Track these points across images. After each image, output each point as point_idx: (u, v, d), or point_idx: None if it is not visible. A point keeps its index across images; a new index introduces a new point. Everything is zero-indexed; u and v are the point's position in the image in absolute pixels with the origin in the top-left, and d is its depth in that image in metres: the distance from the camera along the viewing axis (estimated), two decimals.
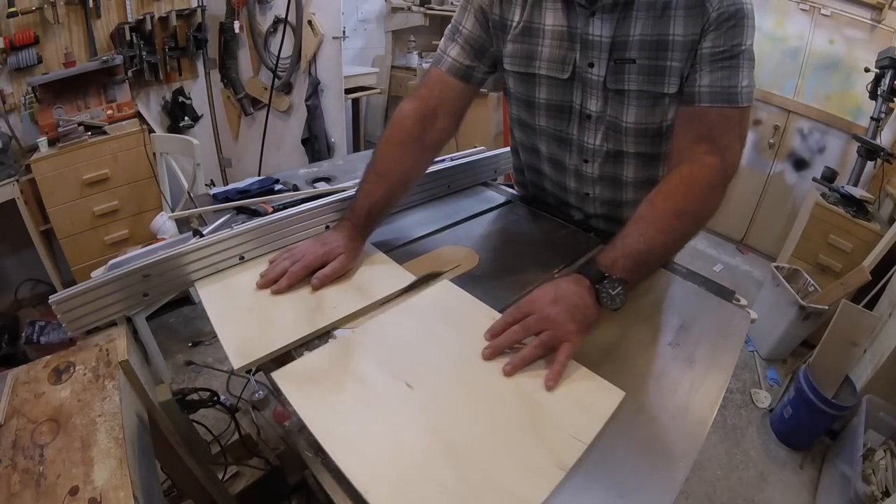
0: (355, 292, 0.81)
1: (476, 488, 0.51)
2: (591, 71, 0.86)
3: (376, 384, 0.64)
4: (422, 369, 0.67)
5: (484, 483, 0.52)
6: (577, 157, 0.99)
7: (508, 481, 0.53)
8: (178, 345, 2.30)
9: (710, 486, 1.78)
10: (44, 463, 0.57)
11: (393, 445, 0.56)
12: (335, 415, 0.59)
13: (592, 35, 0.82)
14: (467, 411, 0.61)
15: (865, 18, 2.79)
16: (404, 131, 0.91)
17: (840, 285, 2.19)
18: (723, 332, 0.82)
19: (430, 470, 0.53)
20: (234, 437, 1.29)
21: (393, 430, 0.58)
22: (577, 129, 0.94)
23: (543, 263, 0.96)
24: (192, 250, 0.82)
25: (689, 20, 0.76)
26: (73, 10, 2.33)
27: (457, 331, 0.74)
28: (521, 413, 0.61)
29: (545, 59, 0.88)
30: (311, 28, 2.58)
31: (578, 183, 1.03)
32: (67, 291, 0.72)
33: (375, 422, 0.59)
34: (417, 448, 0.56)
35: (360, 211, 0.87)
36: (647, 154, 0.92)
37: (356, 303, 0.78)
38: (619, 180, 0.98)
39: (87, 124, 2.32)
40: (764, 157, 3.28)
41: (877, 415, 1.75)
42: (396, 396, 0.62)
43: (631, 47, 0.80)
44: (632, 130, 0.88)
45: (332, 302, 0.78)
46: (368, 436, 0.57)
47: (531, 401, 0.63)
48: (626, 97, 0.85)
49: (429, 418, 0.60)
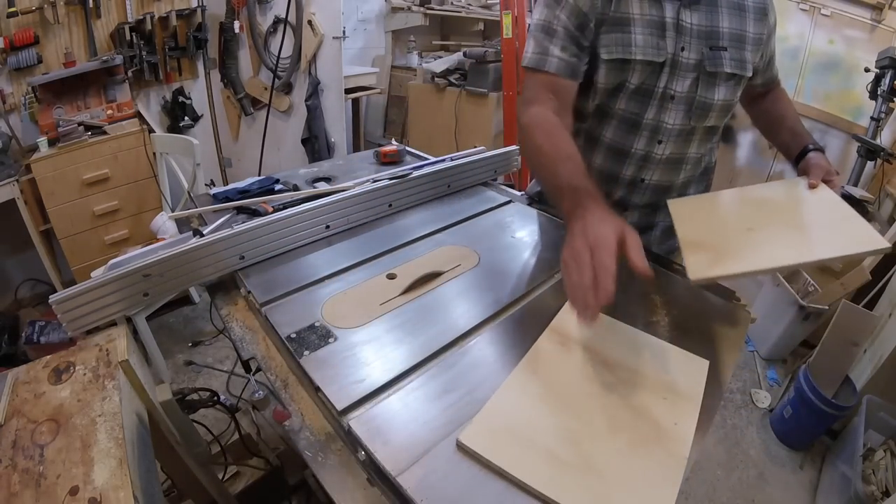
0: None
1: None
2: (682, 55, 0.95)
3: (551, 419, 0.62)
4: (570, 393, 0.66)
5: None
6: (647, 140, 1.02)
7: (636, 484, 0.54)
8: (178, 345, 2.30)
9: (710, 486, 1.78)
10: (44, 463, 0.57)
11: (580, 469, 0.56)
12: (536, 457, 0.57)
13: (684, 22, 0.94)
14: (592, 427, 0.61)
15: (865, 18, 2.79)
16: (554, 122, 0.91)
17: (840, 285, 2.19)
18: (723, 332, 0.82)
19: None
20: (234, 437, 1.29)
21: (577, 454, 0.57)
22: (657, 111, 0.99)
23: (543, 263, 0.96)
24: (192, 250, 0.82)
25: (758, 23, 0.98)
26: (73, 10, 2.33)
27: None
28: (626, 419, 0.62)
29: (640, 45, 0.94)
30: (311, 28, 2.58)
31: (639, 169, 1.05)
32: (67, 291, 0.72)
33: (565, 453, 0.57)
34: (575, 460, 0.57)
35: (586, 183, 0.77)
36: (716, 127, 1.06)
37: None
38: (682, 159, 1.07)
39: (87, 124, 2.32)
40: (764, 157, 3.28)
41: (877, 415, 1.75)
42: (566, 425, 0.61)
43: (723, 37, 0.95)
44: (719, 107, 1.00)
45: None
46: (562, 465, 0.56)
47: (627, 404, 0.64)
48: (718, 79, 0.98)
49: (577, 435, 0.60)
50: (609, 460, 0.56)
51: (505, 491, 0.53)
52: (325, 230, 1.00)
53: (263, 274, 0.89)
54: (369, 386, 0.65)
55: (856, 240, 0.76)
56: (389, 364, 0.69)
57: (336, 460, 0.61)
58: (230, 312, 0.86)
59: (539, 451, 0.56)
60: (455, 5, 3.78)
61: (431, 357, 0.71)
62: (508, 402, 0.63)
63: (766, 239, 0.80)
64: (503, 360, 0.71)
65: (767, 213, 0.90)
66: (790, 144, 1.05)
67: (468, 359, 0.72)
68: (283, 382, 0.72)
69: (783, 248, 0.78)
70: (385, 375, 0.67)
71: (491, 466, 0.55)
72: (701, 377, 0.70)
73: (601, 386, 0.67)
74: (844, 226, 0.80)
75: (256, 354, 0.77)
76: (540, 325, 0.77)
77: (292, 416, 0.66)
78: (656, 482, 0.54)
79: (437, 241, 1.03)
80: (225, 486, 1.19)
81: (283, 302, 0.82)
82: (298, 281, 0.87)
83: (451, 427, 0.60)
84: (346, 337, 0.74)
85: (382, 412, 0.62)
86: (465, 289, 0.88)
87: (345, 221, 1.03)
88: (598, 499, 0.52)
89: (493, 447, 0.56)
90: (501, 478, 0.54)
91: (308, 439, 0.63)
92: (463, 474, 0.54)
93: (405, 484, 0.52)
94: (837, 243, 0.77)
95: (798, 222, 0.86)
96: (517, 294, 0.86)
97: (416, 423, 0.60)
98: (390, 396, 0.64)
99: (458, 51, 3.33)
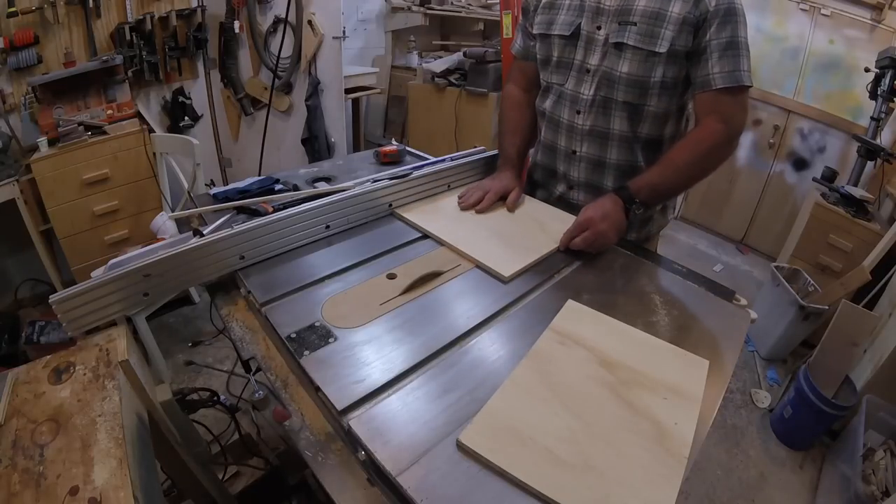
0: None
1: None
2: (598, 32, 1.07)
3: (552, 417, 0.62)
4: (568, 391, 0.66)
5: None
6: (570, 109, 1.16)
7: (639, 485, 0.54)
8: (178, 345, 2.30)
9: (710, 486, 1.78)
10: (44, 463, 0.57)
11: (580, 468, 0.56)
12: (536, 457, 0.57)
13: (603, 4, 1.05)
14: (592, 427, 0.61)
15: (865, 18, 2.79)
16: (517, 100, 1.30)
17: (840, 285, 2.19)
18: (723, 332, 0.82)
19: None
20: (234, 437, 1.29)
21: (576, 454, 0.57)
22: (574, 83, 1.14)
23: (543, 263, 0.96)
24: (192, 250, 0.82)
25: (686, 4, 0.97)
26: (73, 10, 2.33)
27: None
28: (627, 419, 0.62)
29: (559, 24, 1.13)
30: (311, 28, 2.58)
31: (569, 139, 1.18)
32: (67, 291, 0.71)
33: (565, 453, 0.57)
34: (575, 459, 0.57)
35: (513, 157, 1.23)
36: (633, 105, 1.08)
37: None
38: (606, 135, 1.13)
39: (87, 124, 2.32)
40: (764, 157, 3.28)
41: (877, 415, 1.75)
42: (566, 425, 0.61)
43: (634, 13, 1.01)
44: (624, 80, 1.05)
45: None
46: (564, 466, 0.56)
47: (628, 404, 0.64)
48: (623, 51, 1.04)
49: (577, 435, 0.60)
50: (609, 460, 0.56)
51: (505, 491, 0.53)
52: (325, 230, 1.00)
53: (263, 274, 0.89)
54: (369, 386, 0.65)
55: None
56: (389, 364, 0.69)
57: (336, 460, 0.61)
58: (230, 312, 0.85)
59: (539, 451, 0.56)
60: (455, 5, 3.78)
61: (431, 357, 0.71)
62: (508, 401, 0.63)
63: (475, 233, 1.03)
64: (503, 360, 0.71)
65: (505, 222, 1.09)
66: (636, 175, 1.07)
67: (468, 359, 0.72)
68: (283, 382, 0.72)
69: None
70: (385, 375, 0.67)
71: (491, 466, 0.55)
72: (701, 377, 0.70)
73: (601, 386, 0.67)
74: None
75: (256, 354, 0.77)
76: (540, 325, 0.77)
77: (292, 416, 0.66)
78: (656, 482, 0.54)
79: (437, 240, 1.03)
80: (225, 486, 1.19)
81: (283, 302, 0.82)
82: (298, 281, 0.87)
83: (451, 427, 0.60)
84: (346, 337, 0.74)
85: (382, 412, 0.62)
86: (465, 289, 0.88)
87: (345, 221, 1.03)
88: (598, 499, 0.52)
89: (493, 447, 0.56)
90: (501, 478, 0.54)
91: (308, 439, 0.63)
92: (463, 474, 0.54)
93: (405, 484, 0.52)
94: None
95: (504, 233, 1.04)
96: (517, 294, 0.86)
97: (416, 423, 0.60)
98: (390, 396, 0.64)
99: (458, 51, 3.33)
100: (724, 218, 3.51)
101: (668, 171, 1.03)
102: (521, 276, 0.91)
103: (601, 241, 0.98)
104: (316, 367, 0.68)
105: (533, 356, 0.71)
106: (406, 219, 1.08)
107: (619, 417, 0.62)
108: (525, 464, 0.55)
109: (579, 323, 0.78)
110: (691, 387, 0.68)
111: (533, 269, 0.94)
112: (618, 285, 0.92)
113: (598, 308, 0.82)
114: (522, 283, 0.89)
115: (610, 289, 0.90)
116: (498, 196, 1.13)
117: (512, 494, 0.53)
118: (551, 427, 0.60)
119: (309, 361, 0.69)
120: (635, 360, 0.71)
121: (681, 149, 1.04)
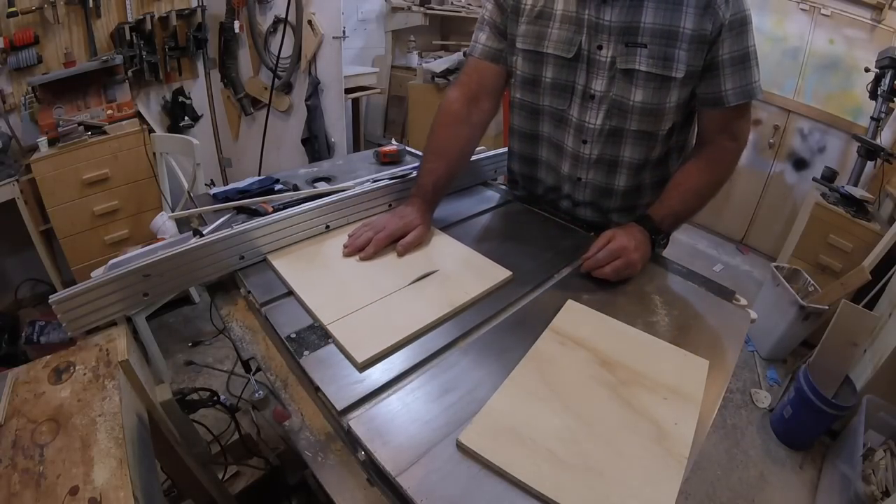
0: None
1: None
2: (599, 53, 0.94)
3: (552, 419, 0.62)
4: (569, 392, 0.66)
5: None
6: (574, 138, 1.04)
7: (638, 485, 0.54)
8: (178, 345, 2.30)
9: (710, 486, 1.78)
10: (44, 463, 0.57)
11: (583, 469, 0.56)
12: (536, 457, 0.57)
13: (602, 20, 0.91)
14: (592, 427, 0.61)
15: (865, 18, 2.79)
16: (453, 114, 1.05)
17: (840, 285, 2.19)
18: (723, 332, 0.82)
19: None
20: (234, 437, 1.29)
21: (576, 454, 0.57)
22: (578, 110, 1.01)
23: (543, 263, 0.96)
24: (191, 250, 0.82)
25: (699, 18, 0.87)
26: (73, 10, 2.33)
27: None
28: (627, 419, 0.63)
29: (553, 40, 0.97)
30: (311, 28, 2.58)
31: (573, 167, 1.08)
32: (67, 291, 0.71)
33: (565, 453, 0.57)
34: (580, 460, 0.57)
35: (427, 187, 1.00)
36: (647, 132, 0.98)
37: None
38: (615, 162, 1.04)
39: (87, 124, 2.32)
40: (764, 157, 3.28)
41: (877, 415, 1.75)
42: (566, 426, 0.61)
43: (643, 33, 0.90)
44: (638, 109, 0.95)
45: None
46: (567, 467, 0.56)
47: (628, 404, 0.64)
48: (635, 77, 0.92)
49: (577, 435, 0.60)
50: (609, 460, 0.56)
51: (505, 491, 0.53)
52: (325, 230, 1.00)
53: (263, 274, 0.89)
54: (369, 386, 0.65)
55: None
56: (389, 364, 0.69)
57: (336, 460, 0.61)
58: (230, 312, 0.86)
59: (539, 451, 0.56)
60: (455, 5, 3.78)
61: (431, 357, 0.71)
62: (508, 401, 0.63)
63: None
64: (503, 360, 0.71)
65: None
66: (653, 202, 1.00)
67: (468, 359, 0.72)
68: (283, 382, 0.72)
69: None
70: (385, 375, 0.67)
71: (491, 466, 0.55)
72: (701, 377, 0.70)
73: (601, 386, 0.67)
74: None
75: (256, 354, 0.77)
76: (540, 325, 0.77)
77: (292, 416, 0.66)
78: (656, 482, 0.54)
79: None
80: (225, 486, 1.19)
81: (283, 302, 0.82)
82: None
83: (451, 427, 0.60)
84: None
85: (382, 412, 0.62)
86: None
87: (345, 221, 1.03)
88: (598, 499, 0.52)
89: (493, 447, 0.56)
90: (501, 478, 0.54)
91: (308, 439, 0.63)
92: (463, 474, 0.54)
93: (405, 484, 0.52)
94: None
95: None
96: (517, 294, 0.86)
97: (416, 424, 0.60)
98: (390, 396, 0.64)
99: (458, 51, 3.34)
100: (724, 218, 3.50)
101: (689, 196, 0.97)
102: (522, 277, 0.91)
103: (629, 272, 0.90)
104: (316, 367, 0.68)
105: (533, 356, 0.71)
106: (275, 268, 0.88)
107: (620, 417, 0.62)
108: (525, 464, 0.55)
109: (579, 323, 0.78)
110: (691, 387, 0.68)
111: (532, 271, 0.93)
112: (618, 285, 0.92)
113: (598, 308, 0.82)
114: (522, 283, 0.89)
115: (610, 289, 0.90)
116: (391, 239, 0.93)
117: (512, 494, 0.53)
118: (551, 427, 0.60)
119: (309, 361, 0.69)
120: (635, 361, 0.71)
121: (699, 173, 0.98)
